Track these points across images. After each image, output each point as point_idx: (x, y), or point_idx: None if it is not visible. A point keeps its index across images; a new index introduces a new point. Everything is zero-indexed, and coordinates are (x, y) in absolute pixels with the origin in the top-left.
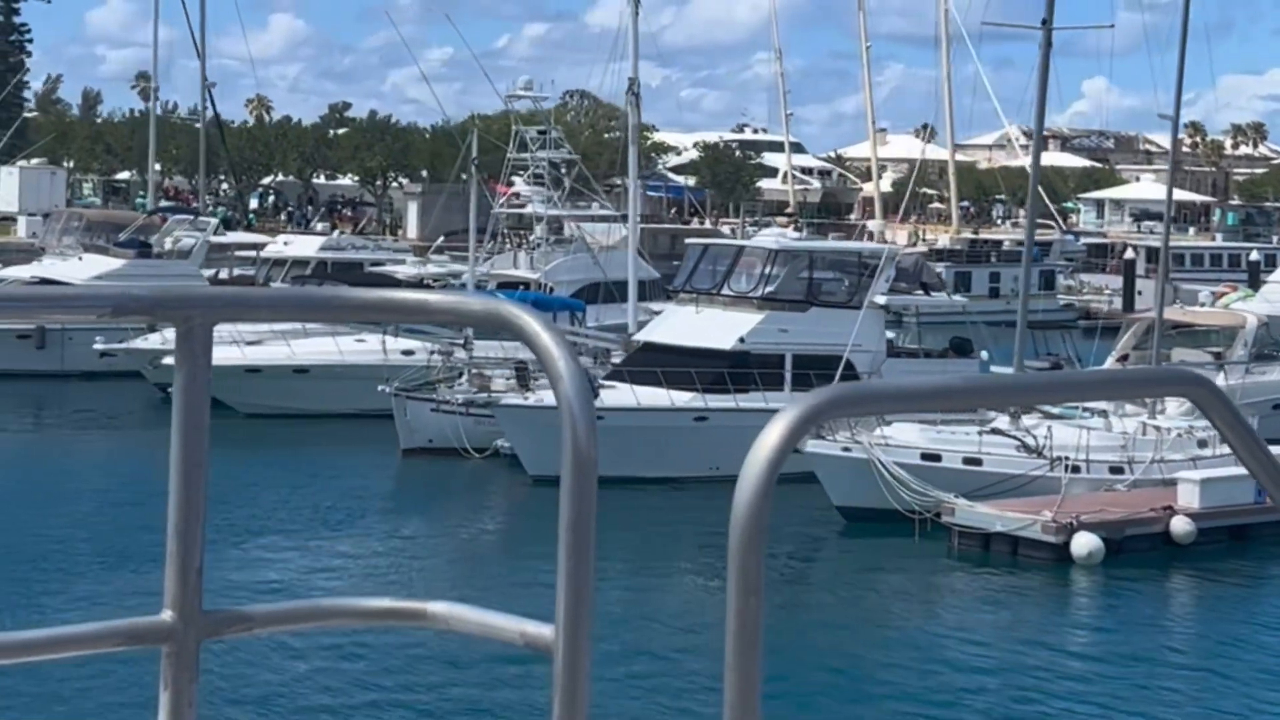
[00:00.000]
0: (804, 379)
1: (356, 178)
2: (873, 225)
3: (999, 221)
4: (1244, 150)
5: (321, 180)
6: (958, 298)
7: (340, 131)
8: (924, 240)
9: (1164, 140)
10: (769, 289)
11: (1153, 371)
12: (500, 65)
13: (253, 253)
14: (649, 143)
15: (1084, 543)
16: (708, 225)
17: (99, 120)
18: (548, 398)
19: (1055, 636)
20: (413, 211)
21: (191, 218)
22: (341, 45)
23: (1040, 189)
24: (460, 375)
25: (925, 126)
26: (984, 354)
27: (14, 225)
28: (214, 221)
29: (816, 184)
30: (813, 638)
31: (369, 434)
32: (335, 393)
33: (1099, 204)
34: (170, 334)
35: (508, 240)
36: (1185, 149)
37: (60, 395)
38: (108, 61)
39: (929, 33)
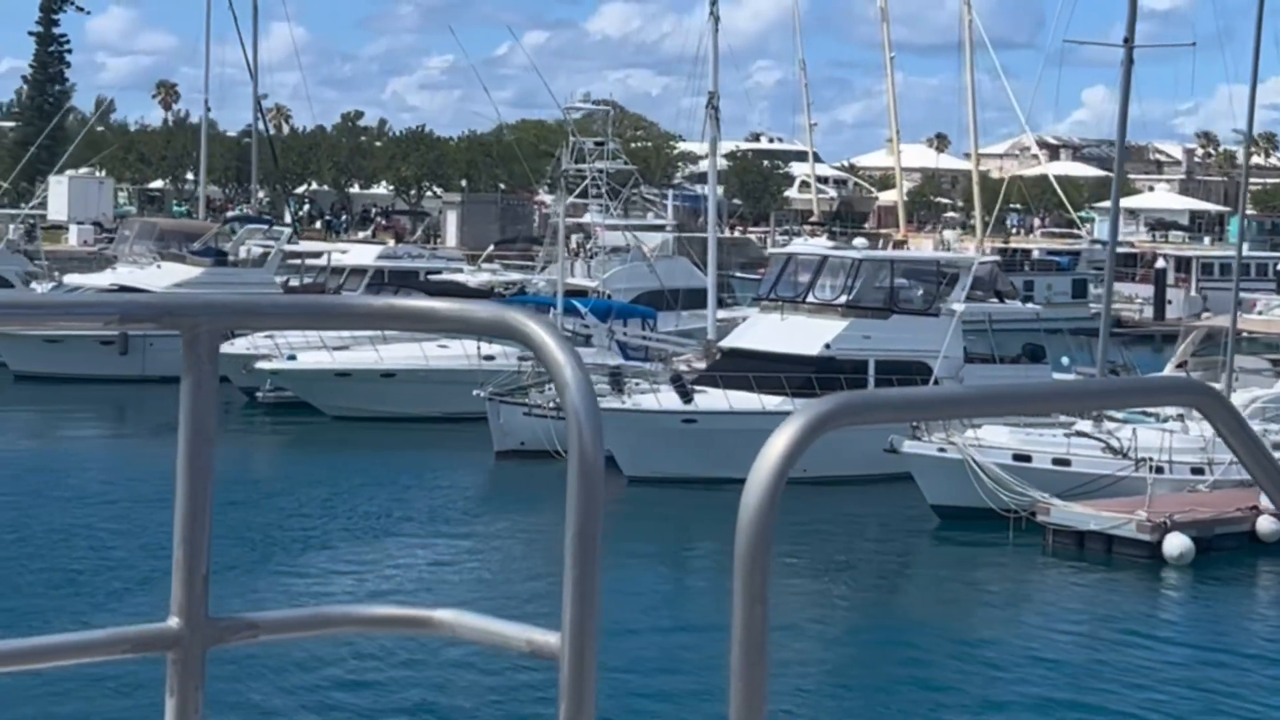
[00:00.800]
0: (887, 384)
1: (391, 187)
2: (948, 235)
3: (1014, 231)
4: (1256, 160)
5: (356, 189)
6: (1031, 305)
7: (376, 143)
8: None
9: (1172, 150)
10: (852, 297)
11: (1158, 380)
12: (501, 74)
13: (307, 260)
14: (675, 152)
15: (1176, 542)
16: (738, 234)
17: (118, 128)
18: (644, 401)
19: (1151, 631)
20: (452, 221)
21: (266, 227)
22: (342, 53)
23: (1048, 197)
24: (548, 380)
25: (939, 135)
26: (1065, 360)
27: (65, 234)
28: (287, 231)
29: (832, 193)
30: (911, 631)
31: (458, 437)
32: (420, 396)
33: (1109, 213)
34: (257, 338)
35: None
36: (1197, 159)
37: (142, 399)
38: (107, 69)
39: (929, 41)
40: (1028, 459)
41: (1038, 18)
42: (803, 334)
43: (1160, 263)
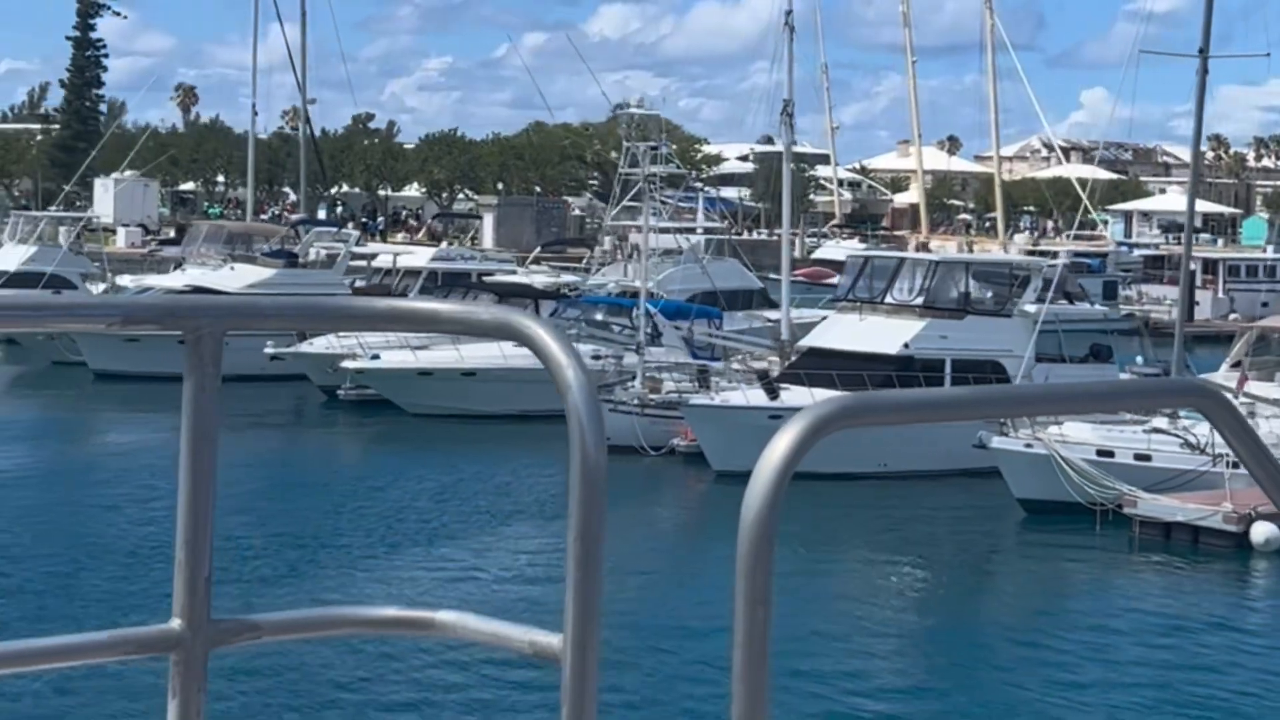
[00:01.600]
0: (963, 381)
1: (423, 190)
2: (1019, 239)
3: (1025, 232)
4: (1265, 163)
5: (388, 192)
6: (1099, 307)
7: (407, 146)
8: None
9: (1180, 152)
10: (929, 298)
11: (1162, 383)
12: (499, 75)
13: (361, 263)
14: (699, 155)
15: (1261, 531)
16: (764, 236)
17: (138, 130)
18: (733, 398)
19: (1240, 618)
20: (488, 223)
21: (334, 230)
22: (340, 54)
23: (1060, 200)
24: (633, 378)
25: (951, 138)
26: (1139, 359)
27: (113, 236)
28: (355, 234)
29: (847, 195)
30: (1001, 620)
31: (537, 434)
32: (499, 395)
33: (1127, 215)
34: (337, 338)
35: (618, 250)
36: (1207, 161)
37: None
38: (108, 71)
39: (930, 43)
40: (1110, 454)
41: (1037, 20)
42: (882, 334)
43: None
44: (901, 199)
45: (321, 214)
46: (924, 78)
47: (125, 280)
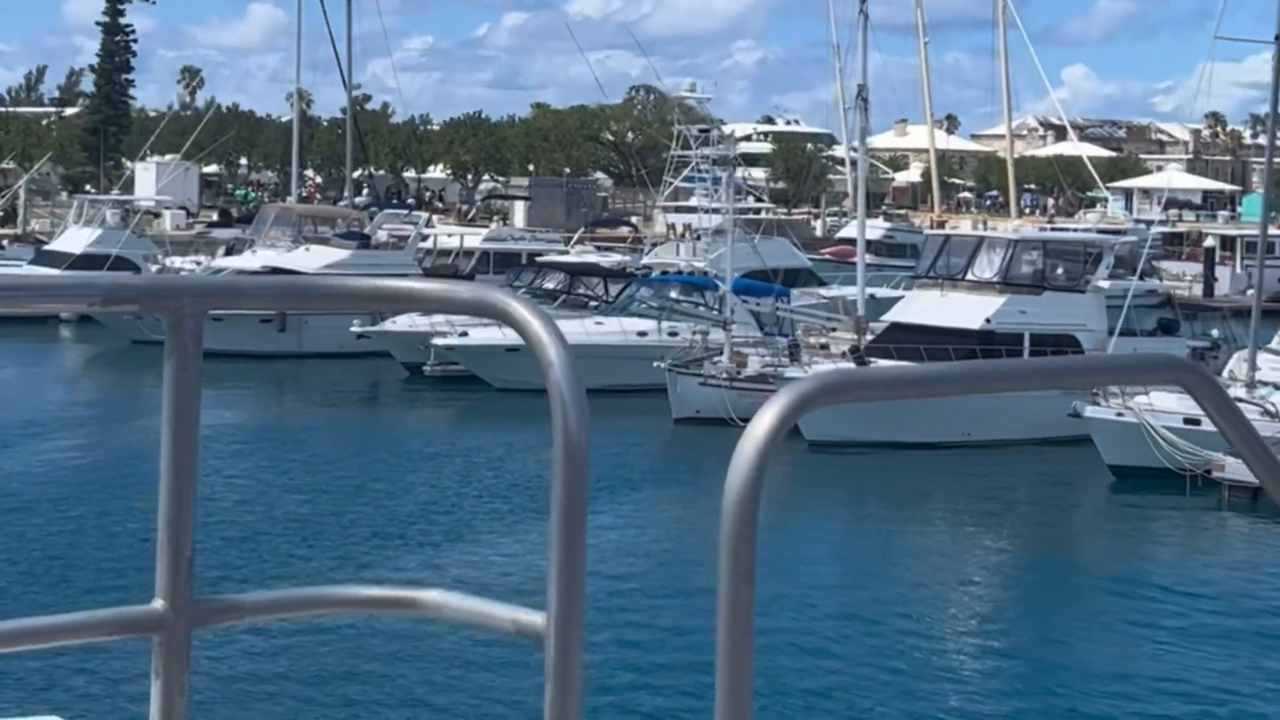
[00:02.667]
0: (1042, 355)
1: (448, 172)
2: (1091, 217)
3: (1026, 210)
4: (1262, 140)
5: (411, 174)
6: (1167, 284)
7: (434, 128)
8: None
9: (1174, 130)
10: (1008, 275)
11: (1143, 358)
12: (479, 55)
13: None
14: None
15: None
16: (784, 216)
17: (153, 115)
18: (814, 369)
19: None
20: (519, 204)
21: (405, 212)
22: (320, 35)
23: (1060, 178)
24: (720, 353)
25: (949, 117)
26: (1214, 332)
27: (157, 219)
28: (424, 216)
29: (847, 174)
30: (1096, 577)
31: (621, 407)
32: (584, 370)
33: (1127, 193)
34: (424, 317)
35: (670, 230)
36: (1205, 139)
37: (299, 374)
38: (84, 52)
39: (905, 21)
40: (1196, 422)
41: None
42: (964, 309)
43: (1209, 241)
44: (903, 178)
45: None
46: (903, 55)
47: (177, 262)
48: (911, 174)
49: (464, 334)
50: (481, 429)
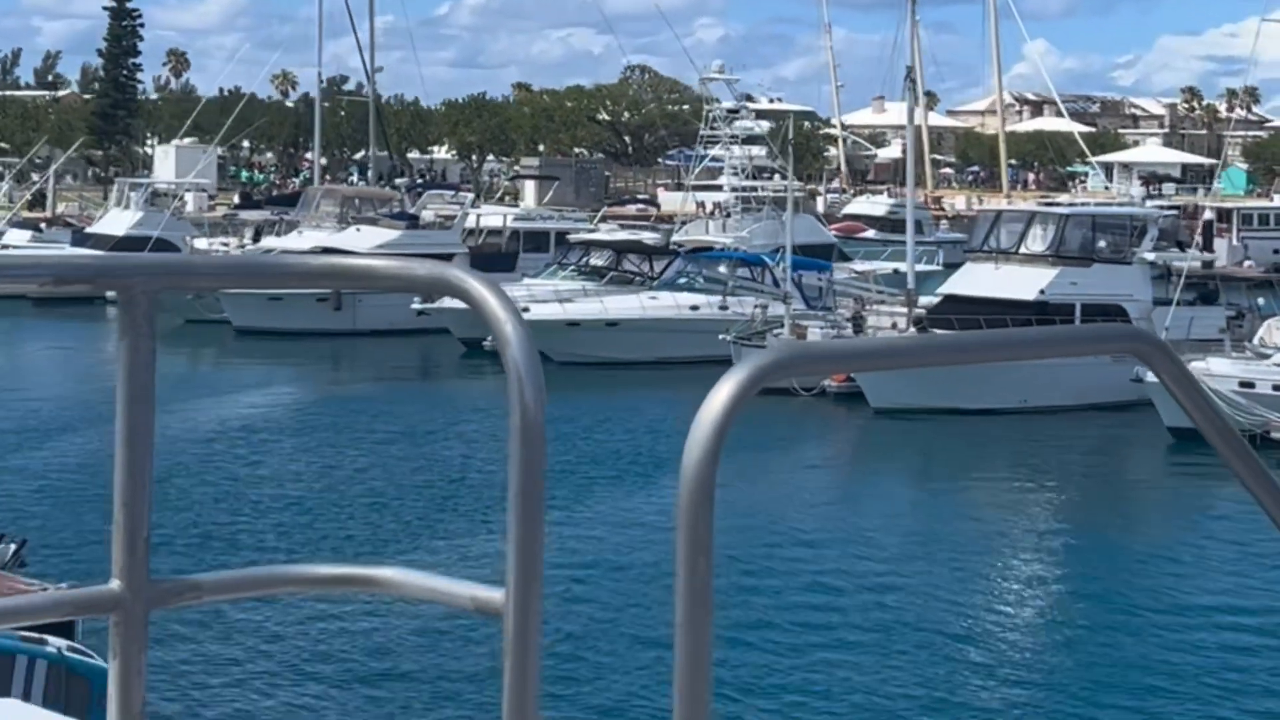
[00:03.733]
0: (1092, 324)
1: (453, 153)
2: (1135, 192)
3: (1013, 186)
4: (1239, 112)
5: (415, 155)
6: (1206, 255)
7: (440, 108)
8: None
9: (1147, 104)
10: (1060, 248)
11: (1098, 329)
12: (441, 34)
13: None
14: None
15: None
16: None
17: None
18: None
19: None
20: (530, 183)
21: (451, 193)
22: (280, 15)
23: (1040, 153)
24: (780, 326)
25: (928, 94)
26: (1260, 300)
27: (182, 201)
28: (470, 196)
29: (833, 150)
30: (1158, 534)
31: (677, 378)
32: (640, 343)
33: (1107, 167)
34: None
35: (700, 208)
36: (1181, 114)
37: (354, 351)
38: (43, 34)
39: None
40: (1251, 385)
41: None
42: (1018, 281)
43: (1207, 214)
44: (885, 154)
45: (354, 178)
46: (865, 32)
47: (283, 241)
48: (893, 150)
49: (525, 309)
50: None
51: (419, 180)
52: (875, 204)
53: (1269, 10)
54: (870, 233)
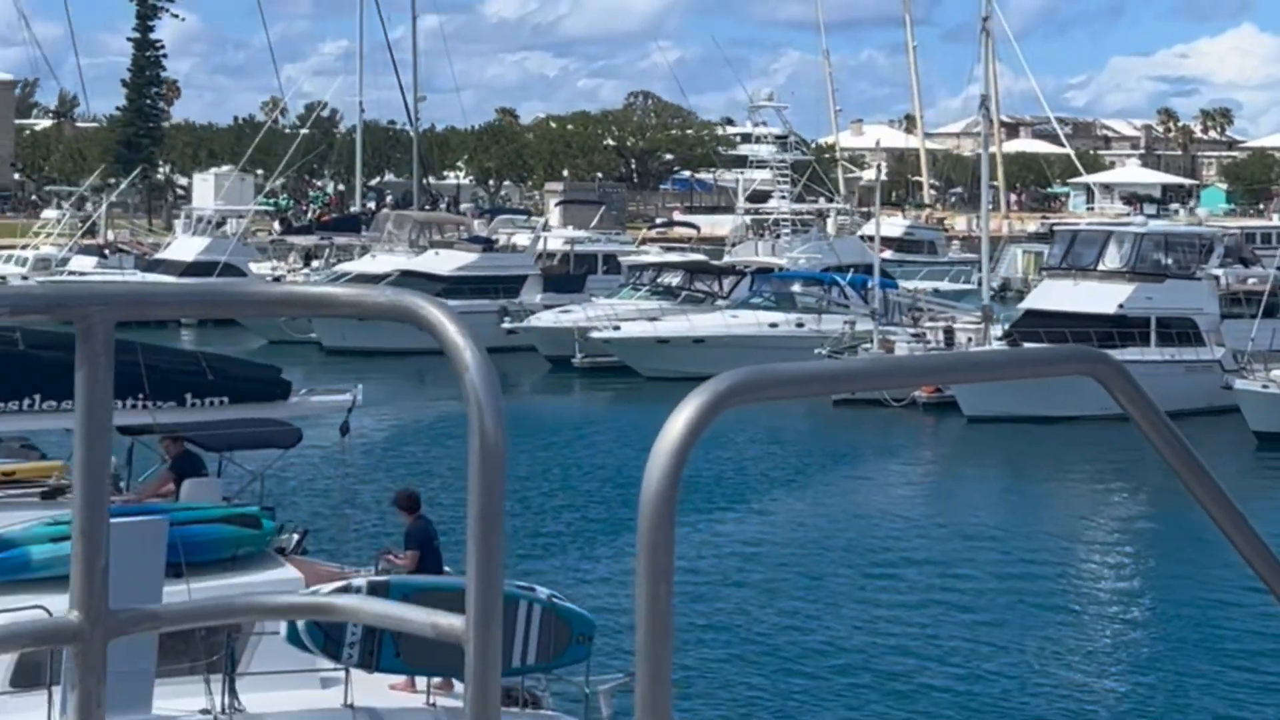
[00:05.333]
0: (1166, 337)
1: (470, 178)
2: (1200, 213)
3: (989, 207)
4: (1212, 134)
5: (430, 180)
6: (1273, 270)
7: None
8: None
9: (1119, 126)
10: (1136, 264)
11: (1056, 350)
12: (397, 58)
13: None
14: (713, 140)
15: None
16: None
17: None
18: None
19: None
20: (555, 208)
21: (523, 217)
22: (234, 41)
23: (1021, 174)
24: (869, 343)
25: (908, 117)
26: None
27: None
28: (542, 220)
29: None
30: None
31: None
32: (725, 359)
33: (1088, 188)
34: (580, 311)
35: (749, 230)
36: (1157, 134)
37: (437, 369)
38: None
39: (836, 18)
40: None
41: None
42: (1097, 296)
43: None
44: (869, 177)
45: (372, 204)
46: (818, 53)
47: (354, 266)
48: (873, 172)
49: (617, 327)
50: (637, 411)
51: (442, 203)
52: (891, 225)
53: (1217, 33)
54: (887, 253)
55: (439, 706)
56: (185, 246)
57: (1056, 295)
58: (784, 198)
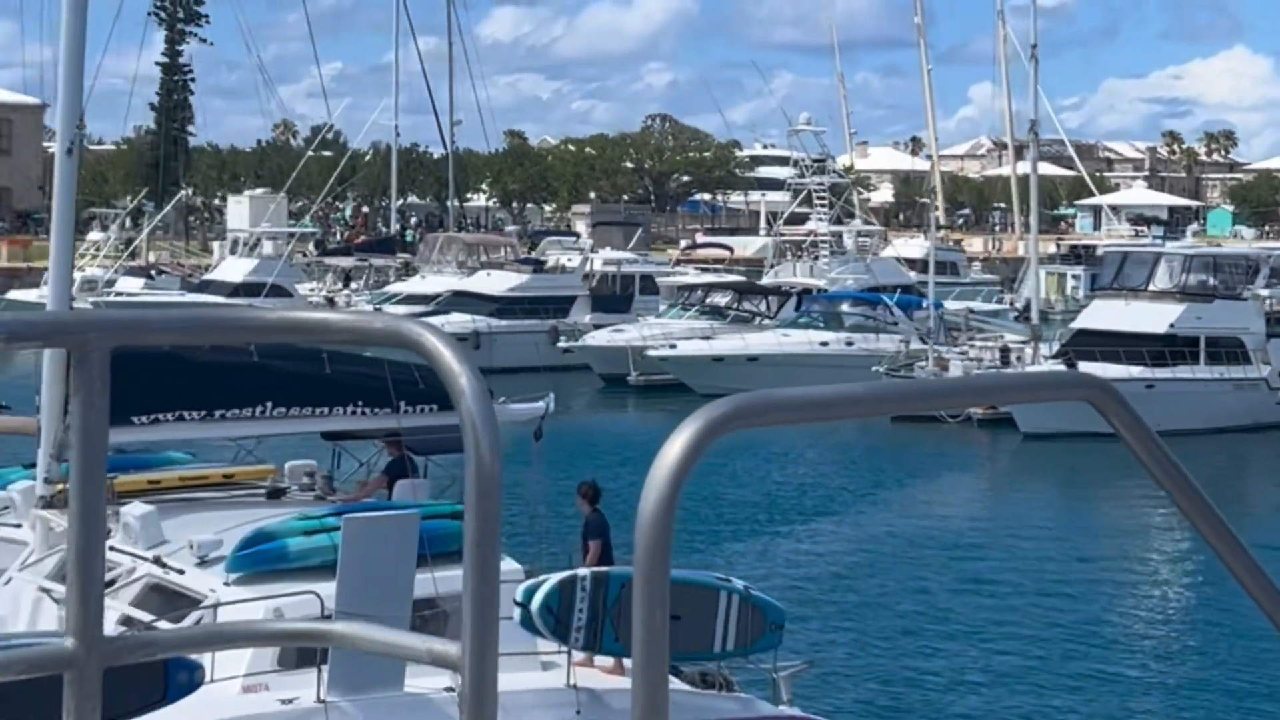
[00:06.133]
0: (1214, 355)
1: (495, 200)
2: (1246, 233)
3: (995, 228)
4: (1216, 156)
5: (455, 202)
6: None
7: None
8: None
9: (1121, 148)
10: (1185, 285)
11: (1051, 375)
12: (390, 80)
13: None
14: (730, 163)
15: None
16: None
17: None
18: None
19: None
20: (582, 228)
21: (573, 239)
22: (228, 62)
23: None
24: (925, 360)
25: (914, 139)
26: None
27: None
28: (590, 242)
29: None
30: None
31: None
32: (778, 376)
33: (1095, 210)
34: (633, 330)
35: (787, 252)
36: (1162, 156)
37: (499, 388)
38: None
39: (818, 41)
40: None
41: (926, 18)
42: (1148, 315)
43: None
44: (876, 199)
45: (395, 225)
46: (813, 75)
47: (404, 286)
48: (882, 194)
49: (674, 346)
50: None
51: (470, 225)
52: (913, 247)
53: (1209, 54)
54: (911, 274)
55: None
56: (234, 268)
57: (1108, 315)
58: (822, 219)
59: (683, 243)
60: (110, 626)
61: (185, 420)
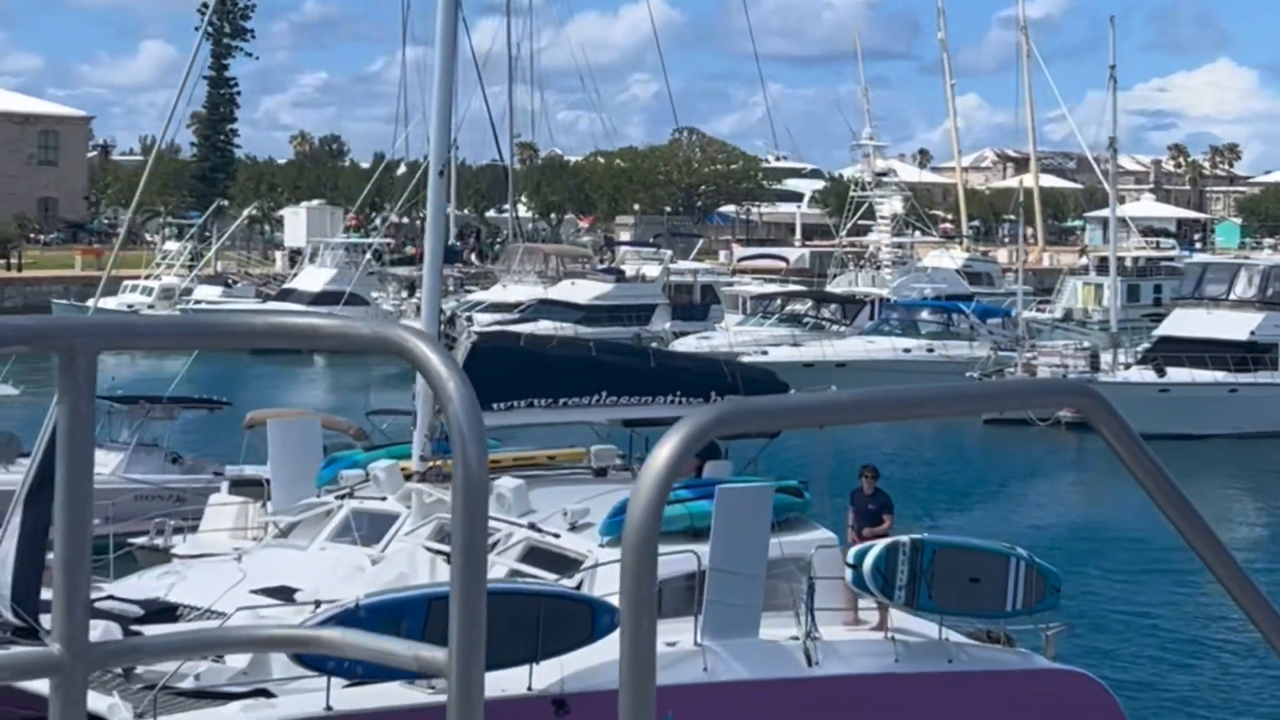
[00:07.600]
0: None
1: (532, 211)
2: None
3: (1004, 240)
4: (1220, 170)
5: (492, 214)
6: None
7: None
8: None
9: (1124, 161)
10: (1266, 295)
11: (1042, 383)
12: (375, 90)
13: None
14: (758, 175)
15: None
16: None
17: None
18: (1131, 375)
19: None
20: (626, 238)
21: (653, 250)
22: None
23: (1043, 208)
24: (1014, 366)
25: (921, 151)
26: None
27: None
28: (669, 252)
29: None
30: None
31: None
32: (864, 381)
33: (1103, 222)
34: (719, 338)
35: (850, 263)
36: (1167, 169)
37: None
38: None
39: (806, 52)
40: None
41: (913, 29)
42: (1229, 323)
43: None
44: (886, 210)
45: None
46: (801, 86)
47: (485, 295)
48: (894, 206)
49: (765, 352)
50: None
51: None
52: (952, 257)
53: (1194, 67)
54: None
55: (950, 642)
56: (313, 277)
57: (1190, 323)
58: (884, 230)
59: (721, 254)
60: (500, 578)
61: (534, 407)
